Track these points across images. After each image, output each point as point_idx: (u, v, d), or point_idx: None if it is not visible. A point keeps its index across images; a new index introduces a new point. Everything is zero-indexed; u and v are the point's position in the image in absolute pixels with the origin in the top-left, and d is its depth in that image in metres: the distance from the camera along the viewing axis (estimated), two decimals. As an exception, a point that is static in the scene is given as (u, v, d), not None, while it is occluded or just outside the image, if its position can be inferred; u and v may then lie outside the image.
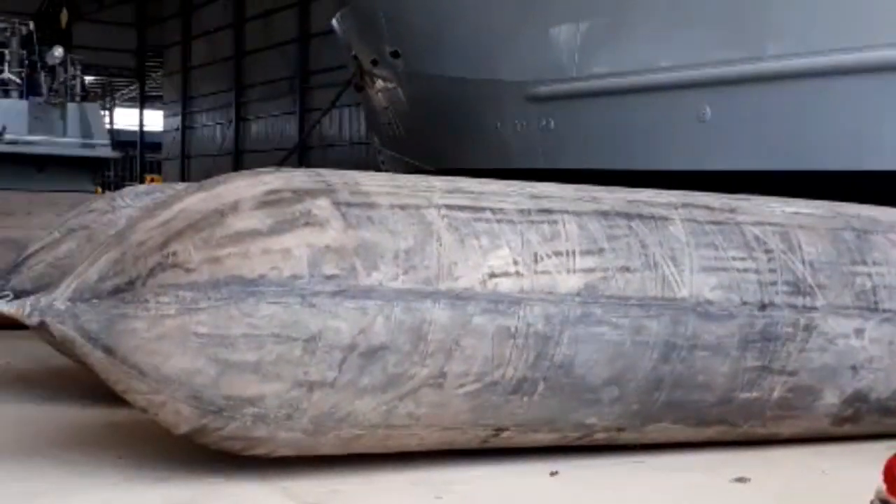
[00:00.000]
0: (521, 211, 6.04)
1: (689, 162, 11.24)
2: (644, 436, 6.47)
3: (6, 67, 23.26)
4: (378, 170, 14.63)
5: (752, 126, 11.03)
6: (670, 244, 6.17)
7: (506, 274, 5.78)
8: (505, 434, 6.07)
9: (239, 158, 41.03)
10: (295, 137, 35.55)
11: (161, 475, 5.91)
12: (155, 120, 52.69)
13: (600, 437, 6.33)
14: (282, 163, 28.06)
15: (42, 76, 23.61)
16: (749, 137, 11.07)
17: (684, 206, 6.49)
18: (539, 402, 5.89)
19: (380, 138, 19.31)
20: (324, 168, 6.45)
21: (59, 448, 6.44)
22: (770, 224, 6.59)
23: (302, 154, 33.92)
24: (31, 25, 24.83)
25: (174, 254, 5.42)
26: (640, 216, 6.26)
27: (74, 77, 24.60)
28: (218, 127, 43.73)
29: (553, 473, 6.05)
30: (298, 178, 5.94)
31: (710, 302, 6.13)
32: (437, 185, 6.26)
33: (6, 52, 23.58)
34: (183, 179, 42.09)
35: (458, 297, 5.63)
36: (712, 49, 11.27)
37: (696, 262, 6.18)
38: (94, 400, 7.46)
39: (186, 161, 46.89)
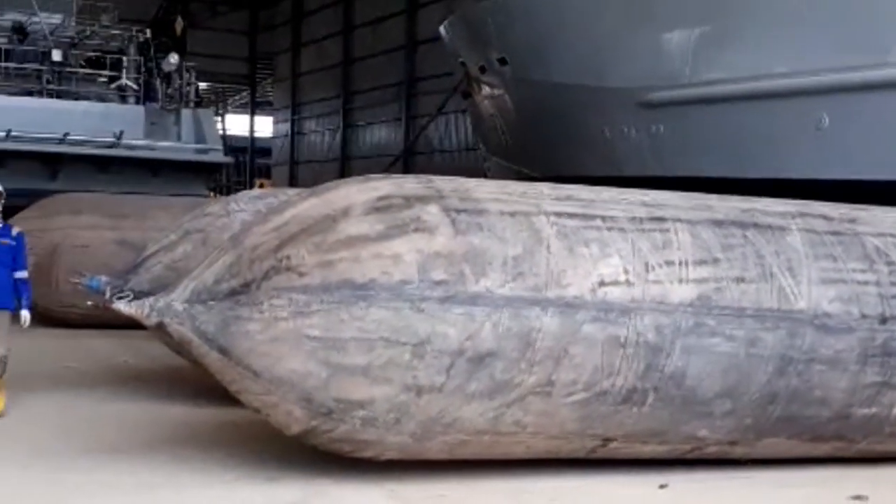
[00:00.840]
0: (633, 219, 5.97)
1: (805, 170, 10.93)
2: (756, 450, 6.33)
3: (124, 74, 24.05)
4: (484, 176, 14.66)
5: (872, 135, 10.68)
6: (787, 255, 6.02)
7: (616, 282, 5.72)
8: (613, 444, 6.00)
9: (345, 164, 41.63)
10: (401, 144, 35.89)
11: (271, 475, 6.02)
12: (265, 126, 53.83)
13: (711, 450, 6.20)
14: (387, 169, 28.36)
15: (158, 83, 24.30)
16: (869, 146, 10.71)
17: (802, 215, 6.32)
18: (649, 413, 5.81)
19: (486, 145, 19.35)
20: (429, 174, 6.48)
21: (173, 444, 6.62)
22: (892, 235, 6.38)
23: (407, 160, 34.23)
24: (148, 33, 25.61)
25: (288, 258, 5.52)
26: (756, 225, 6.12)
27: (189, 83, 25.29)
28: (325, 133, 44.44)
29: (662, 486, 5.96)
30: (409, 184, 5.99)
31: (828, 315, 5.96)
32: (547, 192, 6.23)
33: (124, 59, 24.36)
34: (291, 184, 42.88)
35: (568, 305, 5.59)
36: (831, 55, 10.94)
37: (814, 273, 6.01)
38: (208, 399, 7.63)
39: (295, 166, 47.77)
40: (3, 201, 7.92)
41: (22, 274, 7.70)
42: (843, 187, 9.21)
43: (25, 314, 7.66)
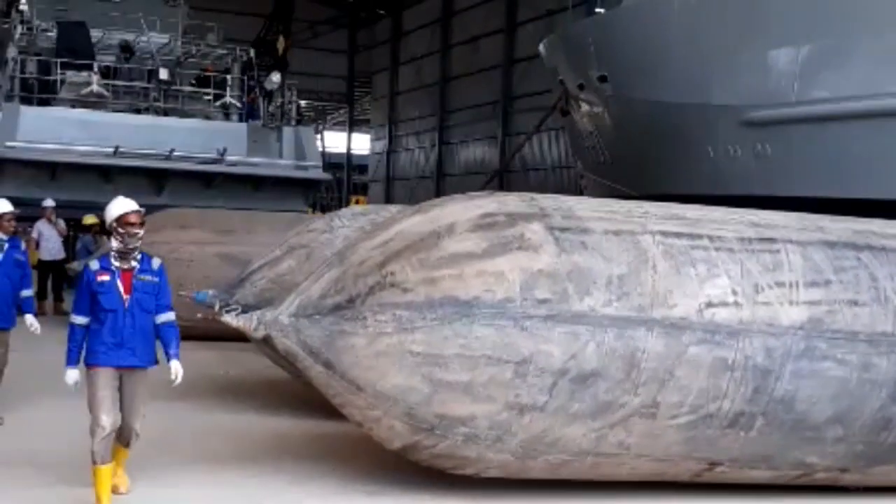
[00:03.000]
0: (742, 239, 5.86)
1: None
2: (869, 478, 6.13)
3: (228, 92, 24.59)
4: (580, 194, 14.57)
5: None
6: (903, 277, 5.83)
7: (724, 304, 5.61)
8: (719, 469, 5.88)
9: (440, 181, 41.86)
10: (496, 161, 35.93)
11: (371, 489, 6.05)
12: (362, 143, 54.51)
13: (820, 476, 6.03)
14: (483, 187, 28.39)
15: (260, 101, 24.77)
16: None
17: (919, 237, 6.12)
18: (757, 437, 5.67)
19: (583, 163, 19.23)
20: (524, 192, 6.45)
21: (276, 457, 6.71)
22: None
23: (502, 178, 34.25)
24: (251, 52, 26.16)
25: (392, 274, 5.56)
26: (870, 247, 5.95)
27: (290, 102, 25.75)
28: (421, 150, 44.78)
29: (769, 513, 5.82)
30: (512, 201, 5.98)
31: (947, 341, 5.74)
32: (652, 211, 6.16)
33: (228, 77, 24.91)
34: (387, 201, 43.29)
35: (674, 326, 5.51)
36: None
37: (932, 297, 5.81)
38: (309, 412, 7.72)
39: (390, 183, 48.22)
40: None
41: (168, 316, 5.90)
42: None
43: (176, 366, 5.84)
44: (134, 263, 5.77)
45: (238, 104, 24.32)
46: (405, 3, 45.99)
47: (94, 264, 5.78)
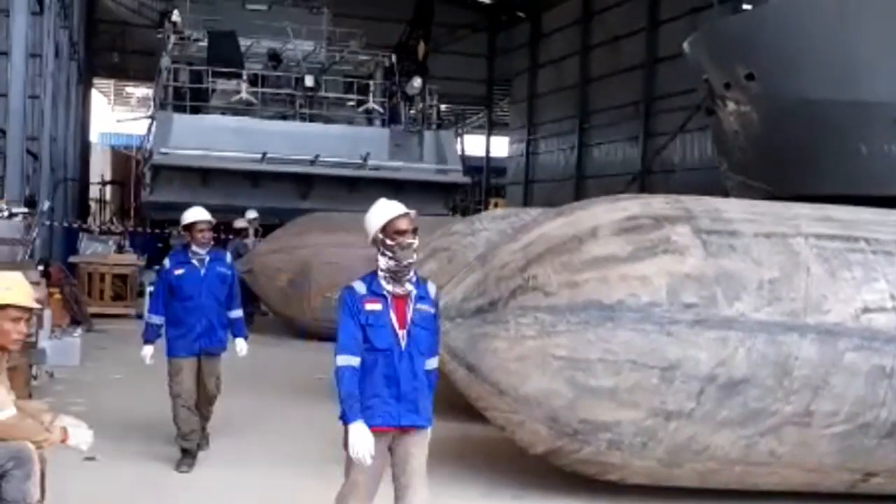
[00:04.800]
0: (900, 242, 5.61)
1: None
2: None
3: (370, 98, 25.01)
4: (724, 195, 14.21)
5: None
6: None
7: (882, 309, 5.38)
8: (875, 480, 5.64)
9: (580, 183, 41.49)
10: (636, 162, 35.37)
11: (516, 492, 6.03)
12: (500, 145, 54.59)
13: None
14: (625, 188, 28.04)
15: (402, 105, 25.09)
16: None
17: None
18: (917, 449, 5.43)
19: (729, 163, 18.76)
20: (666, 193, 6.31)
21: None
22: None
23: (644, 180, 33.71)
24: (393, 58, 26.53)
25: (534, 277, 5.54)
26: None
27: (431, 106, 26.00)
28: (560, 152, 44.46)
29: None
30: (657, 204, 5.88)
31: None
32: (804, 213, 5.97)
33: (371, 83, 25.33)
34: (525, 204, 43.21)
35: (828, 332, 5.31)
36: None
37: None
38: (453, 414, 7.72)
39: (529, 186, 48.08)
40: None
41: (237, 313, 6.96)
42: None
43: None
44: (409, 287, 4.44)
45: (380, 109, 24.69)
46: (544, 5, 45.85)
47: (360, 286, 4.44)
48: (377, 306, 4.39)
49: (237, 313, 7.02)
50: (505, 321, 5.51)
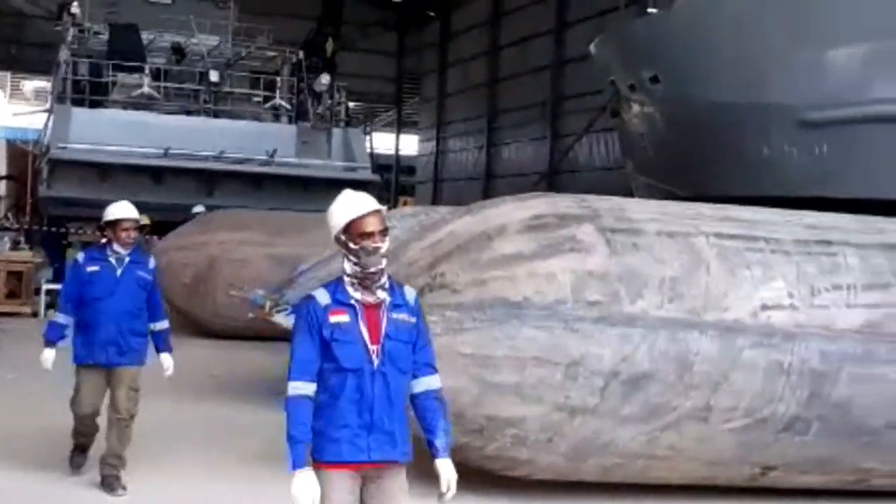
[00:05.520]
0: (798, 241, 5.76)
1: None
2: (927, 486, 6.00)
3: (277, 94, 24.73)
4: (630, 195, 14.43)
5: None
6: (966, 281, 5.69)
7: (779, 306, 5.52)
8: (773, 474, 5.78)
9: (489, 182, 41.75)
10: (544, 163, 35.76)
11: (420, 491, 6.00)
12: (410, 144, 54.60)
13: (878, 482, 5.91)
14: (532, 188, 28.28)
15: (310, 102, 24.87)
16: None
17: (983, 239, 5.97)
18: (812, 442, 5.57)
19: (634, 164, 19.05)
20: (573, 193, 6.38)
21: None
22: None
23: (552, 180, 34.07)
24: (301, 54, 26.26)
25: (442, 275, 5.53)
26: (931, 250, 5.82)
27: (339, 103, 25.83)
28: (470, 151, 44.68)
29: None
30: (563, 203, 5.93)
31: None
32: (706, 213, 6.08)
33: (278, 79, 25.05)
34: (434, 202, 43.29)
35: (727, 329, 5.42)
36: None
37: None
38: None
39: (439, 184, 48.20)
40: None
41: (163, 325, 6.27)
42: None
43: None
44: (382, 295, 3.73)
45: (288, 106, 24.45)
46: (454, 4, 46.02)
47: (322, 295, 3.72)
48: (344, 318, 3.67)
49: (162, 325, 6.32)
50: (412, 319, 5.46)
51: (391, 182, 51.83)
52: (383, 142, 54.10)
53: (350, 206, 3.74)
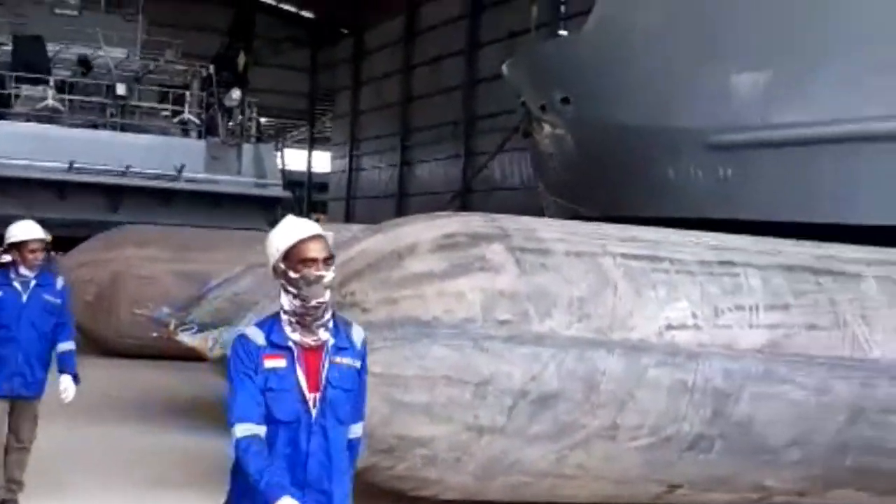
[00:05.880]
0: (702, 262, 5.87)
1: (880, 217, 10.66)
2: (825, 501, 6.14)
3: (186, 108, 24.40)
4: (542, 216, 14.60)
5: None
6: (862, 302, 5.87)
7: (683, 326, 5.61)
8: (679, 492, 5.86)
9: (402, 201, 41.79)
10: (458, 181, 35.94)
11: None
12: (322, 161, 54.34)
13: (779, 500, 6.04)
14: (445, 207, 28.39)
15: (220, 117, 24.60)
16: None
17: (878, 262, 6.18)
18: (716, 460, 5.67)
19: (545, 184, 19.26)
20: (485, 212, 6.42)
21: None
22: (971, 284, 6.19)
23: (465, 198, 34.25)
24: (211, 69, 25.99)
25: (352, 293, 5.49)
26: (830, 272, 5.99)
27: (250, 119, 25.60)
28: (383, 169, 44.70)
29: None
30: (474, 222, 5.95)
31: (904, 365, 5.79)
32: (613, 233, 6.16)
33: (187, 93, 24.72)
34: (347, 220, 43.16)
35: (633, 348, 5.49)
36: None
37: (890, 321, 5.85)
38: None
39: (351, 202, 48.07)
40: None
41: (68, 346, 5.84)
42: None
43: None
44: (324, 336, 3.34)
45: (197, 121, 24.15)
46: (368, 23, 46.07)
47: (256, 335, 3.34)
48: (280, 363, 3.28)
49: (68, 346, 5.90)
50: (320, 338, 5.42)
51: (303, 199, 51.48)
52: (296, 158, 53.76)
53: (290, 230, 3.39)
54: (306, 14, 49.47)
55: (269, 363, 3.27)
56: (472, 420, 5.36)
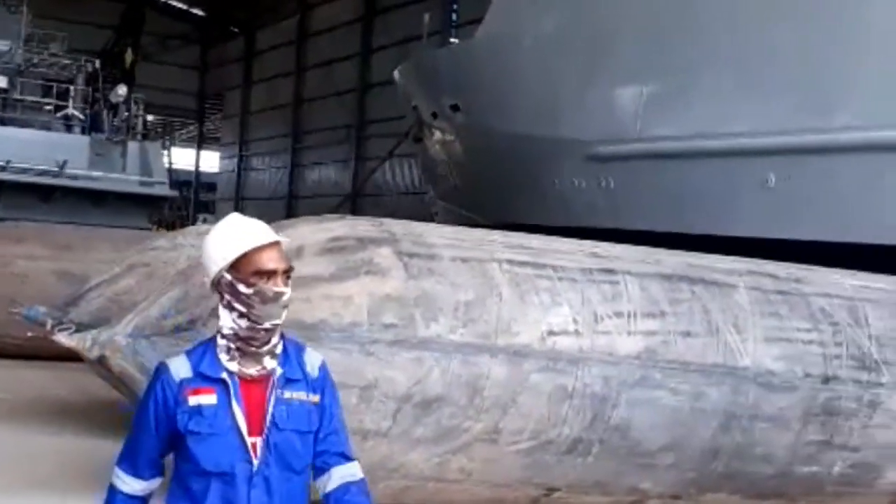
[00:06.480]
0: (583, 270, 6.00)
1: (752, 229, 11.11)
2: (698, 505, 6.35)
3: (70, 103, 23.80)
4: (431, 221, 14.71)
5: (818, 196, 10.90)
6: (733, 311, 6.09)
7: (565, 332, 5.72)
8: (556, 494, 5.97)
9: (292, 203, 41.45)
10: (348, 185, 35.87)
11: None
12: (211, 160, 53.50)
13: (653, 503, 6.20)
14: (335, 209, 28.30)
15: (105, 113, 24.09)
16: (815, 207, 10.94)
17: (749, 273, 6.41)
18: (593, 463, 5.80)
19: (435, 190, 19.42)
20: (375, 216, 6.46)
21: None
22: (837, 296, 6.48)
23: (355, 201, 34.18)
24: (97, 64, 25.43)
25: (237, 295, 5.44)
26: (704, 281, 6.19)
27: (136, 116, 25.13)
28: (273, 171, 44.29)
29: (604, 538, 5.93)
30: (362, 226, 5.96)
31: (772, 372, 6.02)
32: (500, 240, 6.24)
33: (71, 88, 24.12)
34: (235, 221, 42.60)
35: (516, 354, 5.58)
36: (779, 117, 11.19)
37: (759, 331, 6.08)
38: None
39: (240, 203, 47.47)
40: None
41: (350, 471, 4.94)
42: (791, 247, 9.37)
43: None
44: (270, 364, 2.88)
45: (81, 116, 23.59)
46: (260, 22, 45.59)
47: (180, 366, 2.86)
48: (208, 398, 2.71)
49: None
50: (204, 340, 5.35)
51: (190, 199, 50.59)
52: (184, 157, 52.78)
53: (241, 235, 2.83)
54: (196, 11, 48.65)
55: (193, 399, 2.71)
56: (358, 424, 5.35)
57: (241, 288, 2.77)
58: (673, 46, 12.34)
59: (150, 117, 33.37)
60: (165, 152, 26.95)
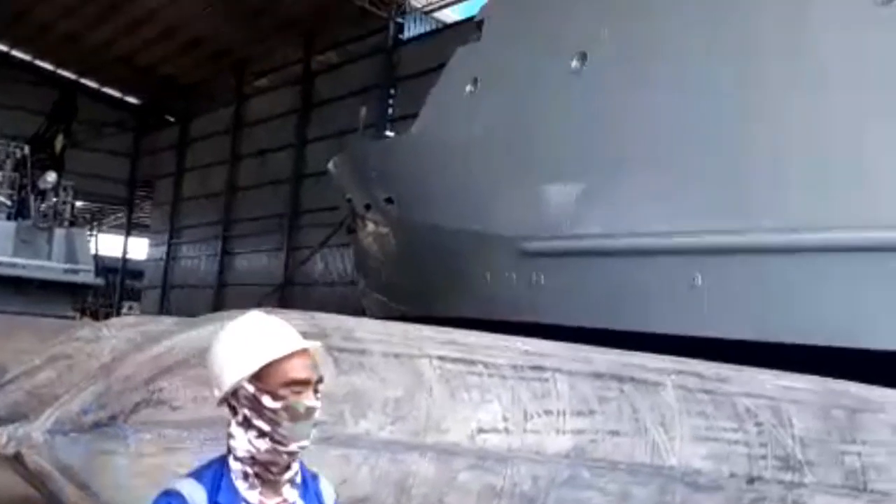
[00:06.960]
0: (514, 367, 6.00)
1: (679, 327, 11.27)
2: None
3: (-3, 189, 23.48)
4: (362, 312, 14.65)
5: (743, 296, 11.13)
6: (661, 410, 6.12)
7: (495, 430, 5.69)
8: None
9: (221, 291, 41.01)
10: (279, 274, 35.67)
11: None
12: (140, 248, 52.90)
13: None
14: (265, 298, 28.04)
15: (32, 200, 23.78)
16: (740, 307, 11.16)
17: (677, 372, 6.47)
18: (520, 564, 5.72)
19: (367, 281, 19.40)
20: (306, 306, 6.43)
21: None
22: (761, 396, 6.56)
23: (285, 291, 33.93)
24: (26, 150, 25.17)
25: (161, 390, 5.33)
26: (633, 380, 6.22)
27: (65, 202, 24.83)
28: (203, 259, 43.90)
29: None
30: (292, 320, 5.90)
31: (698, 472, 6.04)
32: (430, 335, 6.23)
33: (0, 173, 23.80)
34: (162, 309, 41.96)
35: (445, 451, 5.52)
36: (706, 217, 11.47)
37: (686, 430, 6.11)
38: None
39: (168, 291, 46.80)
40: None
41: None
42: (717, 345, 9.51)
43: None
44: (291, 496, 2.62)
45: (7, 202, 23.30)
46: (195, 111, 45.71)
47: (193, 492, 2.64)
48: None
49: None
50: (124, 437, 5.22)
51: (116, 286, 49.83)
52: (112, 244, 52.11)
53: (268, 338, 2.51)
54: (131, 100, 48.68)
55: None
56: (281, 523, 5.24)
57: (267, 402, 2.46)
58: (601, 145, 12.63)
59: (78, 203, 32.99)
60: (92, 239, 26.56)
